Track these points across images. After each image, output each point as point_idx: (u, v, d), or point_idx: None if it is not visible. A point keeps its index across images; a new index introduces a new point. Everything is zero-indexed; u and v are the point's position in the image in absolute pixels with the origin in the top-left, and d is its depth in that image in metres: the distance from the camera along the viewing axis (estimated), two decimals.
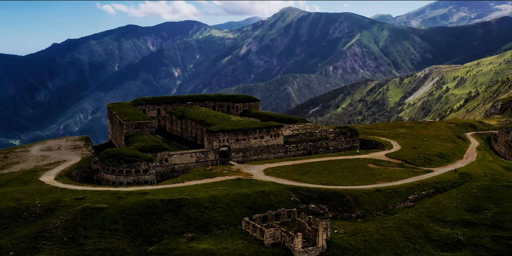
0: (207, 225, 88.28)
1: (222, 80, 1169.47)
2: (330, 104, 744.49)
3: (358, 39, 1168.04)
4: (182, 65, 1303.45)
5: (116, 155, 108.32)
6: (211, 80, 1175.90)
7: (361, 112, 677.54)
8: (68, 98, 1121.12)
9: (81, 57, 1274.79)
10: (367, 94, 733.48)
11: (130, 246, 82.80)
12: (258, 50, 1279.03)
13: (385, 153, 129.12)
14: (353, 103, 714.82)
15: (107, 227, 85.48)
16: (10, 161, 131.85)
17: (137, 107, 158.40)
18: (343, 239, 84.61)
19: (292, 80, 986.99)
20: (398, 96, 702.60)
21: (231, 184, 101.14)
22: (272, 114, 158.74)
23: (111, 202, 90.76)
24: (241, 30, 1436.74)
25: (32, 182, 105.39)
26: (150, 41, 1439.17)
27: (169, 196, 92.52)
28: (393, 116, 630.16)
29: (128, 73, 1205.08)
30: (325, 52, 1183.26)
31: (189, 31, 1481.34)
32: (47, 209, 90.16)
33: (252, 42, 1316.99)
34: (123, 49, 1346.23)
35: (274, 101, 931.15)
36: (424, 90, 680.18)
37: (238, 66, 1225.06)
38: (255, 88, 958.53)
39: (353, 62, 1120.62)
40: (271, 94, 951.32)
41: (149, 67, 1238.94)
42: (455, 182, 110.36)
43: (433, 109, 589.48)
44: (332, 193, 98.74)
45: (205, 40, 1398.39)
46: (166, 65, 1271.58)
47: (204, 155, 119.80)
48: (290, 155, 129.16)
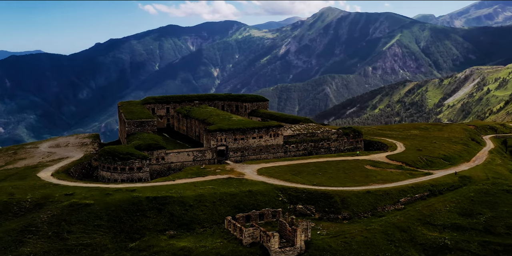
0: (190, 223, 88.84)
1: (261, 80, 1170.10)
2: (368, 105, 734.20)
3: (399, 39, 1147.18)
4: (221, 64, 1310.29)
5: (111, 152, 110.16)
6: (250, 80, 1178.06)
7: (398, 113, 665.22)
8: (109, 96, 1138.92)
9: (123, 56, 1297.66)
10: (405, 95, 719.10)
11: (112, 242, 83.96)
12: (297, 50, 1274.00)
13: (386, 155, 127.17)
14: (391, 104, 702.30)
15: (91, 222, 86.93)
16: (17, 157, 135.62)
17: (146, 106, 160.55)
18: (323, 241, 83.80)
19: (330, 80, 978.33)
20: (437, 98, 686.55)
21: (221, 183, 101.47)
22: (277, 114, 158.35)
23: (98, 198, 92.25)
24: (280, 30, 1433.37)
25: (29, 178, 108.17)
26: (190, 41, 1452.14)
27: (155, 194, 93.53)
28: (432, 117, 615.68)
29: (168, 72, 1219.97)
30: (365, 52, 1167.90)
31: (229, 31, 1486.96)
32: (37, 204, 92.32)
33: (291, 42, 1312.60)
34: (164, 49, 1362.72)
35: (312, 102, 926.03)
36: (464, 91, 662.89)
37: (276, 66, 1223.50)
38: (292, 88, 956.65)
39: (393, 62, 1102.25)
40: (308, 94, 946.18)
41: (188, 67, 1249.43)
42: (452, 185, 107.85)
43: (473, 111, 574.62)
44: (320, 194, 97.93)
45: (244, 40, 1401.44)
46: (206, 65, 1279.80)
47: (201, 154, 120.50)
48: (290, 155, 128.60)
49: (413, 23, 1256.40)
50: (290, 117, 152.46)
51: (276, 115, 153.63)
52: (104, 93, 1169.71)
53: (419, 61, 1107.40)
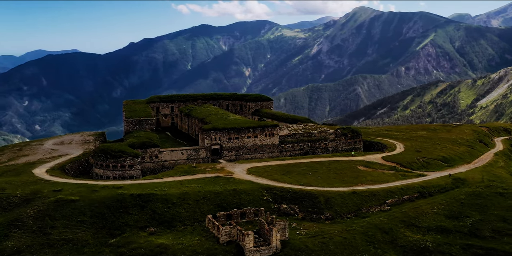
0: (171, 221, 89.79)
1: (292, 79, 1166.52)
2: (398, 106, 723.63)
3: (433, 39, 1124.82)
4: (253, 64, 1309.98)
5: (104, 150, 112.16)
6: (281, 80, 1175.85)
7: (430, 114, 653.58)
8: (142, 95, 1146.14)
9: (156, 55, 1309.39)
10: (437, 95, 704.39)
11: (93, 238, 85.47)
12: (329, 50, 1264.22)
13: (382, 156, 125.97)
14: (422, 105, 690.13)
15: (75, 218, 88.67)
16: (21, 154, 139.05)
17: (150, 104, 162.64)
18: (301, 241, 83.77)
19: (362, 80, 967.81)
20: (470, 99, 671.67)
21: (207, 182, 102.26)
22: (279, 113, 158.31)
23: (84, 194, 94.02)
24: (312, 30, 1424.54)
25: (24, 174, 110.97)
26: (223, 40, 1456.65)
27: (140, 191, 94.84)
28: (464, 119, 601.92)
29: (199, 71, 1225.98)
30: (398, 52, 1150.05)
31: (261, 30, 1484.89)
32: (25, 199, 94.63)
33: (323, 41, 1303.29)
34: (196, 48, 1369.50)
35: (343, 102, 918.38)
36: (498, 92, 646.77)
37: (308, 66, 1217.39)
38: (324, 88, 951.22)
39: (427, 62, 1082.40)
40: (339, 94, 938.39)
41: (220, 66, 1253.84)
42: (444, 187, 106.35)
43: (507, 112, 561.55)
44: (305, 194, 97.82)
45: (276, 40, 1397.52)
46: (237, 64, 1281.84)
47: (195, 153, 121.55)
48: (286, 155, 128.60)
49: (447, 23, 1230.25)
50: (291, 117, 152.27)
51: (277, 115, 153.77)
52: (137, 92, 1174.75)
53: (453, 61, 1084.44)
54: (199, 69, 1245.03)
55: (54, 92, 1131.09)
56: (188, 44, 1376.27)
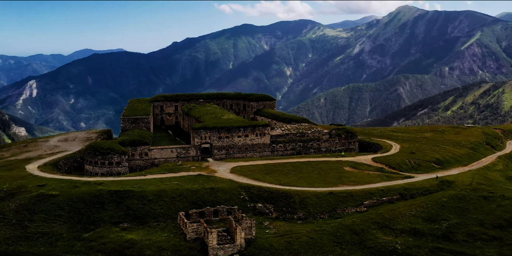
0: (145, 217, 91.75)
1: (333, 79, 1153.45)
2: (440, 106, 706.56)
3: (478, 38, 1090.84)
4: (294, 64, 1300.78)
5: (94, 147, 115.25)
6: (322, 80, 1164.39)
7: (472, 115, 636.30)
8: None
9: (198, 55, 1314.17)
10: (480, 96, 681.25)
11: (68, 232, 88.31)
12: (371, 49, 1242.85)
13: (373, 157, 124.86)
14: (464, 106, 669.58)
15: (53, 212, 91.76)
16: (25, 150, 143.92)
17: (154, 103, 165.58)
18: (267, 240, 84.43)
19: (404, 80, 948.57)
20: None
21: (188, 180, 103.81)
22: (278, 113, 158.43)
23: (65, 190, 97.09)
24: (355, 29, 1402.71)
25: (17, 169, 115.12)
26: (264, 40, 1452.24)
27: (119, 188, 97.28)
28: (507, 120, 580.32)
29: (241, 71, 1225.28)
30: (442, 52, 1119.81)
31: (303, 30, 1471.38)
32: (10, 193, 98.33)
33: (365, 41, 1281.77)
34: (238, 48, 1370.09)
35: (384, 102, 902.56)
36: None
37: (350, 65, 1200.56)
38: (364, 88, 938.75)
39: (472, 62, 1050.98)
40: (381, 94, 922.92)
41: (261, 66, 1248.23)
42: (428, 189, 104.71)
43: None
44: (281, 193, 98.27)
45: (318, 39, 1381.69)
46: (278, 64, 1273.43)
47: (185, 151, 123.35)
48: (277, 154, 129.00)
49: (495, 22, 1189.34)
50: (289, 117, 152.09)
51: (276, 115, 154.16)
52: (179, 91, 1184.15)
53: (500, 62, 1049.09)
54: (241, 69, 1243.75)
55: (99, 90, 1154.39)
56: (230, 44, 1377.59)
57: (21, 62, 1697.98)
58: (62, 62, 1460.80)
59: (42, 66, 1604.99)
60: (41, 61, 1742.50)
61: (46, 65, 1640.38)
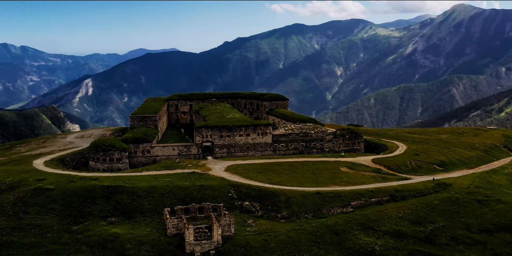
0: (132, 212, 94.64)
1: (384, 79, 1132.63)
2: (493, 108, 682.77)
3: None
4: (345, 63, 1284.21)
5: (97, 144, 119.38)
6: (373, 80, 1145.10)
7: None
8: None
9: (249, 54, 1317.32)
10: None
11: (58, 224, 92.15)
12: (424, 49, 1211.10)
13: (373, 158, 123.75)
14: None
15: (47, 205, 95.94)
16: (42, 145, 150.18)
17: (169, 102, 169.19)
18: (245, 237, 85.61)
19: (457, 81, 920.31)
20: None
21: (181, 177, 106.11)
22: (288, 113, 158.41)
23: (61, 184, 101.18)
24: (408, 29, 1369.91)
25: (24, 164, 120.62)
26: (315, 39, 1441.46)
27: (112, 183, 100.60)
28: None
29: (291, 70, 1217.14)
30: (499, 52, 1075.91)
31: (354, 29, 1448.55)
32: (11, 186, 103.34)
33: (418, 40, 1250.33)
34: (288, 47, 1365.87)
35: (436, 103, 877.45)
36: None
37: (402, 65, 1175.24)
38: (416, 89, 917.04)
39: None
40: (433, 95, 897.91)
41: (312, 65, 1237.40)
42: (421, 191, 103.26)
43: None
44: (269, 192, 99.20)
45: (369, 39, 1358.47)
46: (329, 64, 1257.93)
47: (187, 149, 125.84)
48: (279, 154, 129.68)
49: None
50: (296, 116, 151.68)
51: (285, 114, 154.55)
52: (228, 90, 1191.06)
53: None
54: (291, 68, 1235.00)
55: (151, 89, 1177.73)
56: (280, 43, 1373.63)
57: (79, 61, 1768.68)
58: (117, 61, 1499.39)
59: (99, 65, 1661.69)
60: (98, 60, 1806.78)
61: (102, 64, 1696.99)
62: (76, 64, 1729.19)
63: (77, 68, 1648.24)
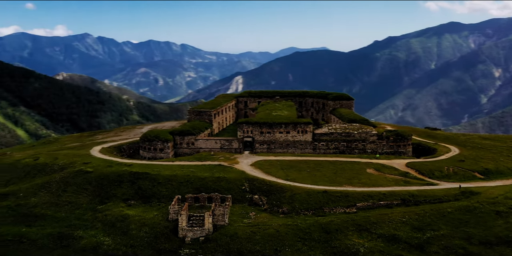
0: (150, 197, 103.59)
1: None
2: None
3: None
4: (504, 65, 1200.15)
5: (145, 134, 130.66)
6: None
7: None
8: (380, 93, 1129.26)
9: (399, 54, 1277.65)
10: None
11: (87, 203, 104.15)
12: None
13: (408, 161, 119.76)
14: None
15: (82, 186, 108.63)
16: (118, 134, 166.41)
17: (239, 99, 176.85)
18: (237, 228, 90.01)
19: None
20: None
21: (205, 168, 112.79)
22: (345, 112, 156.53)
23: (99, 168, 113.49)
24: None
25: (85, 149, 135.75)
26: (472, 38, 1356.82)
27: (140, 170, 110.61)
28: None
29: (442, 71, 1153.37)
30: None
31: None
32: (62, 167, 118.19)
33: None
34: (442, 47, 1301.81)
35: None
36: None
37: None
38: None
39: None
40: None
41: (466, 66, 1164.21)
42: (439, 198, 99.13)
43: None
44: (278, 188, 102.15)
45: None
46: (486, 64, 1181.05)
47: (228, 143, 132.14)
48: (319, 152, 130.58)
49: None
50: (348, 116, 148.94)
51: (342, 114, 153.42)
52: (375, 90, 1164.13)
53: None
54: (443, 69, 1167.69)
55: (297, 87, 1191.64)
56: (433, 42, 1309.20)
57: (233, 59, 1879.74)
58: (268, 60, 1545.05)
59: (250, 63, 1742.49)
60: (250, 58, 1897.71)
61: (254, 62, 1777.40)
62: (230, 62, 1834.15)
63: (230, 65, 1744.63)
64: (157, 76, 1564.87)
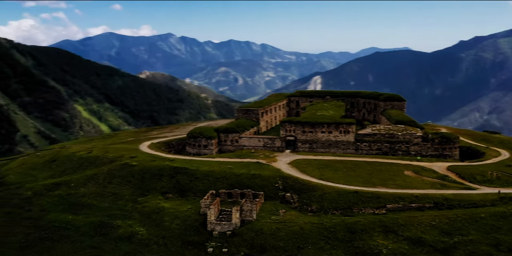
0: (187, 191, 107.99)
1: None
2: None
3: None
4: None
5: (191, 132, 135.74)
6: None
7: None
8: (465, 95, 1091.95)
9: (485, 54, 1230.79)
10: None
11: (129, 195, 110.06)
12: None
13: (450, 165, 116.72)
14: None
15: (126, 178, 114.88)
16: (172, 131, 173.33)
17: (291, 98, 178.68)
18: (263, 224, 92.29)
19: None
20: None
21: (242, 165, 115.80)
22: (395, 113, 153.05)
23: (144, 162, 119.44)
24: None
25: (136, 144, 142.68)
26: None
27: (180, 165, 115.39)
28: None
29: None
30: None
31: None
32: (111, 160, 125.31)
33: None
34: None
35: None
36: None
37: None
38: None
39: None
40: None
41: None
42: (475, 203, 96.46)
43: None
44: (310, 186, 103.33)
45: None
46: None
47: (271, 141, 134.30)
48: (361, 153, 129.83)
49: None
50: (396, 117, 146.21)
51: (391, 115, 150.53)
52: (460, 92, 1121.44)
53: None
54: None
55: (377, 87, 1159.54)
56: None
57: (312, 58, 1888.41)
58: (348, 60, 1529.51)
59: (330, 63, 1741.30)
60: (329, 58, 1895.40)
61: (333, 62, 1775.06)
62: (309, 62, 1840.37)
63: (309, 65, 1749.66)
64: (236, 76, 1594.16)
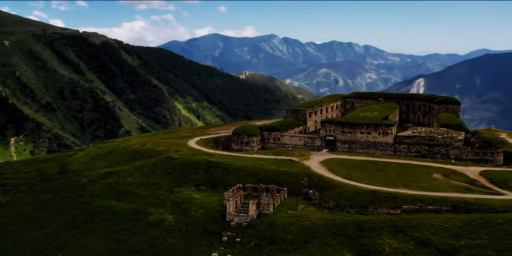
0: (218, 184, 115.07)
1: None
2: None
3: None
4: None
5: (236, 129, 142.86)
6: None
7: None
8: None
9: None
10: None
11: (167, 185, 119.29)
12: None
13: (483, 170, 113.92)
14: None
15: (167, 170, 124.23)
16: (228, 128, 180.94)
17: (346, 99, 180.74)
18: (277, 218, 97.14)
19: None
20: None
21: (275, 162, 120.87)
22: (445, 117, 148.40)
23: (185, 156, 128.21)
24: None
25: (186, 139, 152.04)
26: None
27: (216, 159, 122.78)
28: None
29: None
30: None
31: None
32: (158, 153, 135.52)
33: None
34: None
35: None
36: None
37: None
38: None
39: None
40: None
41: None
42: (495, 208, 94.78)
43: None
44: (331, 184, 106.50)
45: None
46: None
47: (312, 141, 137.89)
48: (400, 154, 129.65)
49: None
50: (443, 120, 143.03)
51: (440, 118, 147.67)
52: None
53: None
54: None
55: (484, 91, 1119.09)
56: None
57: (417, 60, 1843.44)
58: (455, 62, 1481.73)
59: (436, 65, 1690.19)
60: (436, 60, 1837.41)
61: (439, 64, 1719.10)
62: (414, 64, 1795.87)
63: (414, 67, 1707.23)
64: (337, 77, 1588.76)
